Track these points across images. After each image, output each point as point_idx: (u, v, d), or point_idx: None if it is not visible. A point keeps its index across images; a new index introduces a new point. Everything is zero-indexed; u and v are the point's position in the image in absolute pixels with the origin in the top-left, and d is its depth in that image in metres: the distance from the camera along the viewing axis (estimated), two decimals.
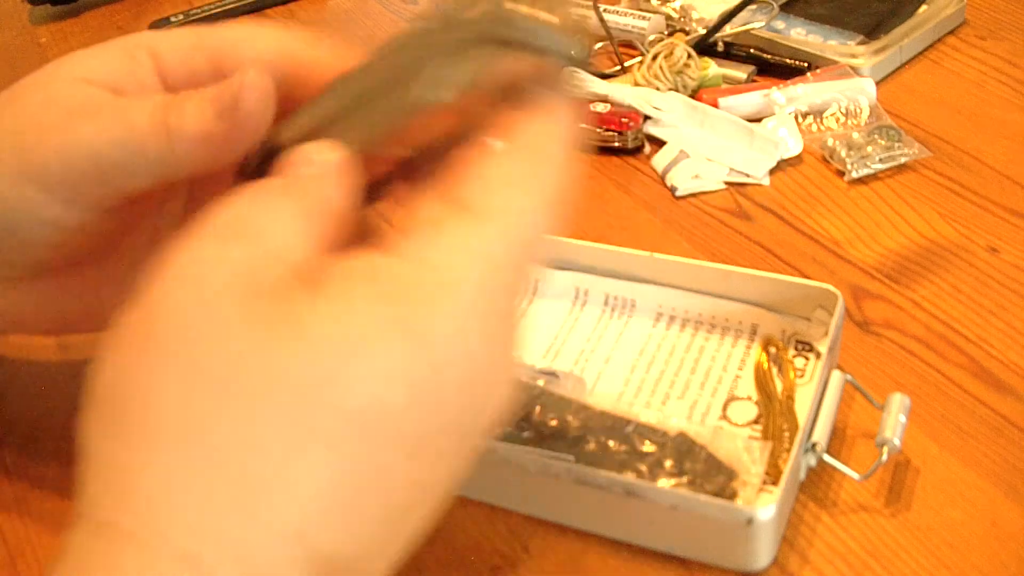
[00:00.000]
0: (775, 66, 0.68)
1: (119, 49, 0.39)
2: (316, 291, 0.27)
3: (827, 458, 0.41)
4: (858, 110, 0.63)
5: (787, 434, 0.43)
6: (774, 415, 0.44)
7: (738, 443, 0.41)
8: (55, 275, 0.41)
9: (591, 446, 0.41)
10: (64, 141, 0.37)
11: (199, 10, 0.83)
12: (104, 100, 0.37)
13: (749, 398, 0.45)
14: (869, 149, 0.60)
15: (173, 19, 0.82)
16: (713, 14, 0.71)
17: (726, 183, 0.60)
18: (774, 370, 0.46)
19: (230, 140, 0.35)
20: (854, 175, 0.59)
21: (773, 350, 0.47)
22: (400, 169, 0.35)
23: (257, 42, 0.38)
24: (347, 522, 0.26)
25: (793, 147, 0.61)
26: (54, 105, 0.38)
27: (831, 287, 0.47)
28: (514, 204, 0.29)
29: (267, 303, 0.27)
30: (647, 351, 0.48)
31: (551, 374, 0.46)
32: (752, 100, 0.64)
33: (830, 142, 0.61)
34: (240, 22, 0.40)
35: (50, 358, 0.50)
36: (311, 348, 0.26)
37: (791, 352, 0.47)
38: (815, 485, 0.42)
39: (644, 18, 0.73)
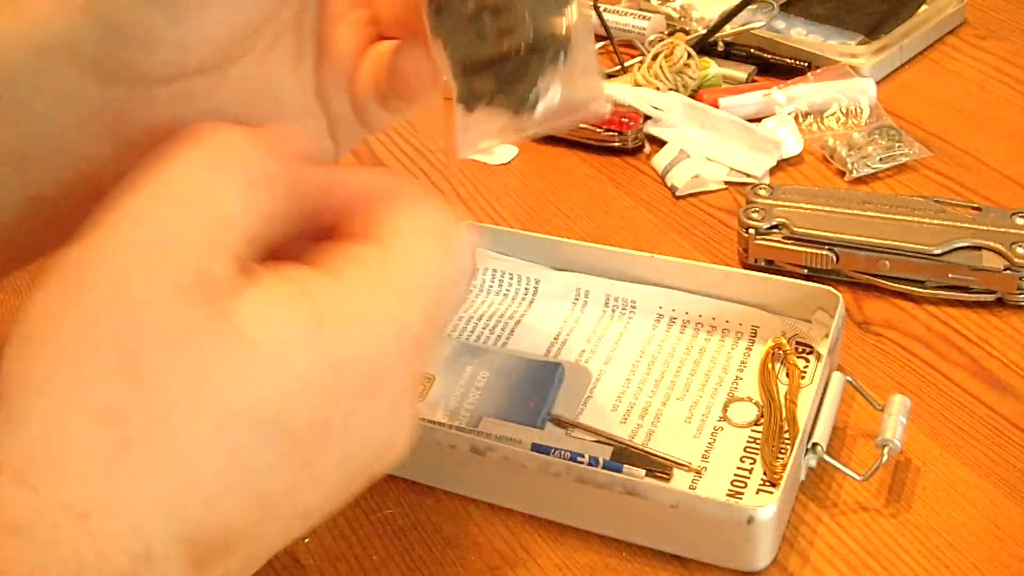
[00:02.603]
0: (775, 66, 0.68)
1: None
2: (246, 287, 0.27)
3: (827, 459, 0.41)
4: (858, 110, 0.63)
5: (788, 435, 0.43)
6: (775, 416, 0.44)
7: None
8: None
9: None
10: None
11: None
12: None
13: (749, 399, 0.45)
14: (869, 149, 0.60)
15: None
16: (713, 14, 0.71)
17: (726, 183, 0.60)
18: (780, 372, 0.46)
19: None
20: (854, 175, 0.59)
21: (779, 352, 0.47)
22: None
23: None
24: (230, 506, 0.27)
25: (793, 147, 0.61)
26: None
27: (832, 288, 0.47)
28: (424, 245, 0.30)
29: (200, 290, 0.27)
30: (647, 352, 0.48)
31: (555, 364, 0.46)
32: (752, 100, 0.64)
33: (830, 142, 0.61)
34: None
35: None
36: (229, 342, 0.26)
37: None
38: (815, 485, 0.42)
39: (644, 18, 0.73)
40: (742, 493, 0.41)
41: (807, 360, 0.47)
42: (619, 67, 0.70)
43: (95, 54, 0.33)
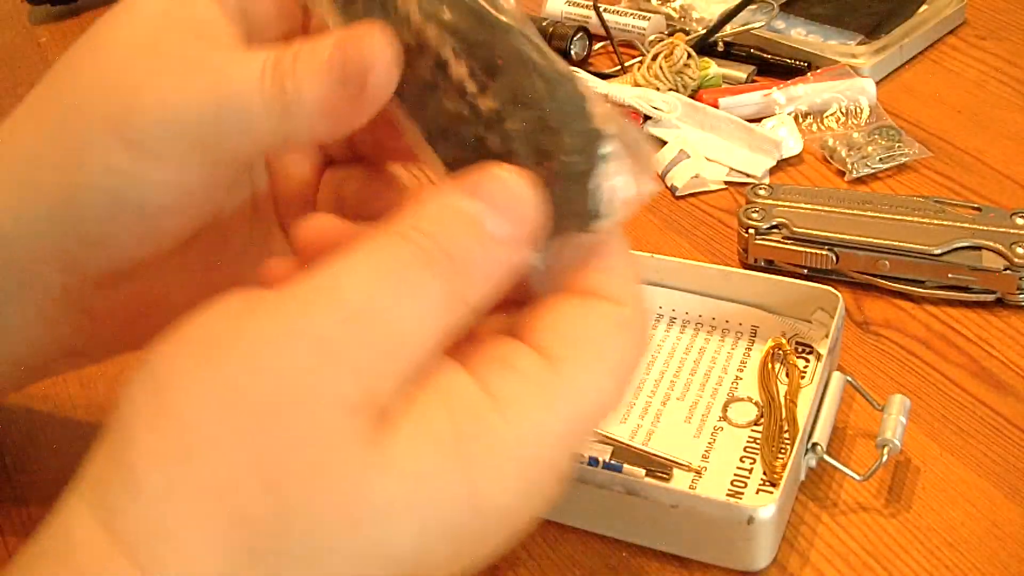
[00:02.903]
0: (775, 66, 0.68)
1: None
2: (405, 412, 0.26)
3: (827, 459, 0.41)
4: (858, 110, 0.63)
5: (787, 435, 0.43)
6: (775, 416, 0.44)
7: None
8: (141, 275, 0.38)
9: None
10: (160, 101, 0.33)
11: None
12: (202, 56, 0.33)
13: (749, 399, 0.45)
14: (869, 149, 0.60)
15: None
16: (713, 14, 0.71)
17: (726, 183, 0.60)
18: (780, 372, 0.46)
19: (354, 112, 0.32)
20: (854, 175, 0.59)
21: (780, 352, 0.47)
22: None
23: None
24: None
25: (793, 147, 0.61)
26: (144, 55, 0.34)
27: (832, 288, 0.47)
28: (595, 377, 0.28)
29: (365, 413, 0.26)
30: (647, 352, 0.48)
31: None
32: (752, 100, 0.64)
33: (830, 142, 0.61)
34: None
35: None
36: (378, 474, 0.25)
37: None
38: (815, 485, 0.42)
39: (644, 18, 0.73)
40: (742, 493, 0.41)
41: (807, 360, 0.47)
42: (619, 67, 0.70)
43: (57, 249, 0.36)
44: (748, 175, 0.60)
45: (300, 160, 0.39)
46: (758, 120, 0.63)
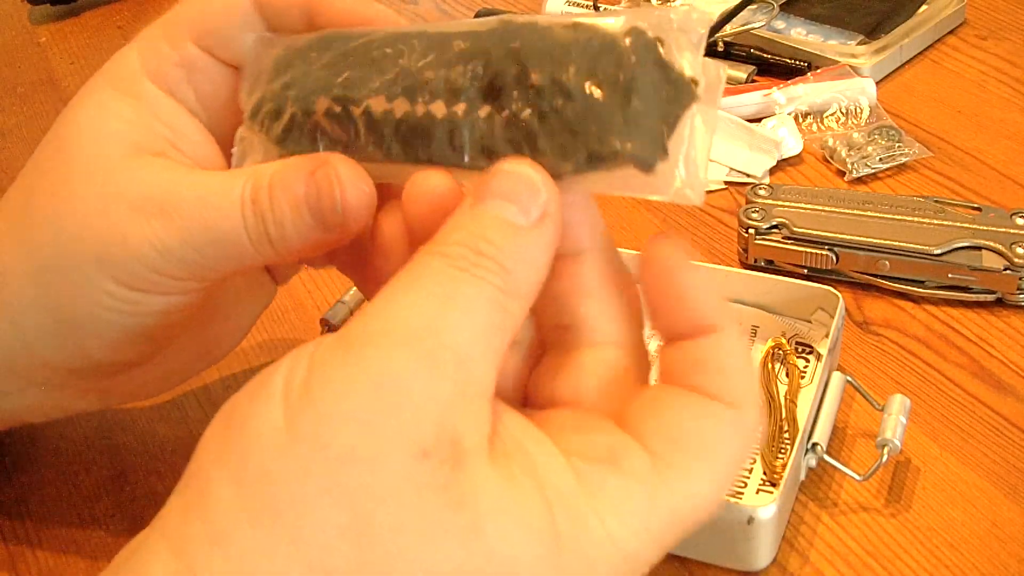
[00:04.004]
0: (775, 66, 0.68)
1: (122, 92, 0.37)
2: (488, 466, 0.26)
3: (827, 459, 0.41)
4: (858, 110, 0.63)
5: (787, 435, 0.43)
6: (775, 416, 0.44)
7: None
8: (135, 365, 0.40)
9: None
10: (149, 242, 0.35)
11: None
12: (179, 189, 0.35)
13: None
14: (869, 149, 0.60)
15: None
16: (713, 14, 0.71)
17: (726, 183, 0.60)
18: (780, 372, 0.46)
19: (338, 239, 0.34)
20: (854, 175, 0.59)
21: (780, 352, 0.47)
22: None
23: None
24: None
25: (793, 147, 0.61)
26: (124, 199, 0.35)
27: (832, 288, 0.47)
28: (701, 484, 0.28)
29: (439, 456, 0.25)
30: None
31: None
32: (752, 100, 0.64)
33: (830, 142, 0.61)
34: None
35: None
36: (463, 537, 0.25)
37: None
38: (815, 485, 0.42)
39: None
40: (742, 493, 0.41)
41: (807, 360, 0.47)
42: None
43: (64, 364, 0.38)
44: (748, 175, 0.60)
45: None
46: (758, 120, 0.63)
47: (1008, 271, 0.49)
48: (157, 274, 0.35)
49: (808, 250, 0.52)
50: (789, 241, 0.52)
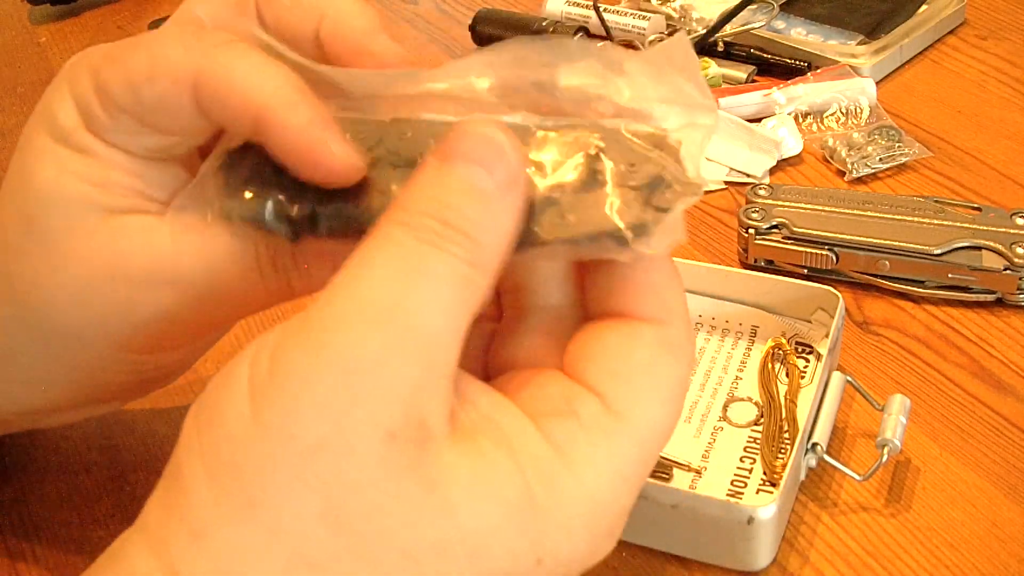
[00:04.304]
0: (775, 66, 0.68)
1: (78, 149, 0.33)
2: (455, 444, 0.26)
3: (827, 458, 0.41)
4: (858, 110, 0.63)
5: (787, 435, 0.43)
6: (775, 416, 0.44)
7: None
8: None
9: None
10: (154, 314, 0.34)
11: None
12: (176, 259, 0.33)
13: (749, 399, 0.45)
14: (869, 149, 0.60)
15: None
16: (713, 14, 0.71)
17: (726, 183, 0.60)
18: (780, 372, 0.46)
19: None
20: (854, 175, 0.59)
21: (779, 352, 0.47)
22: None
23: (160, 63, 0.32)
24: None
25: (793, 147, 0.61)
26: (112, 276, 0.33)
27: (832, 288, 0.47)
28: (653, 410, 0.28)
29: (409, 438, 0.25)
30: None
31: None
32: (752, 100, 0.64)
33: (830, 142, 0.61)
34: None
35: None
36: (435, 514, 0.25)
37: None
38: (815, 485, 0.42)
39: (644, 18, 0.73)
40: (742, 493, 0.41)
41: (807, 360, 0.47)
42: None
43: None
44: (748, 175, 0.60)
45: None
46: (758, 120, 0.63)
47: (1008, 271, 0.49)
48: (169, 340, 0.35)
49: (808, 250, 0.52)
50: (789, 241, 0.52)
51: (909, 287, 0.51)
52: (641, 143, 0.29)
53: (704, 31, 0.70)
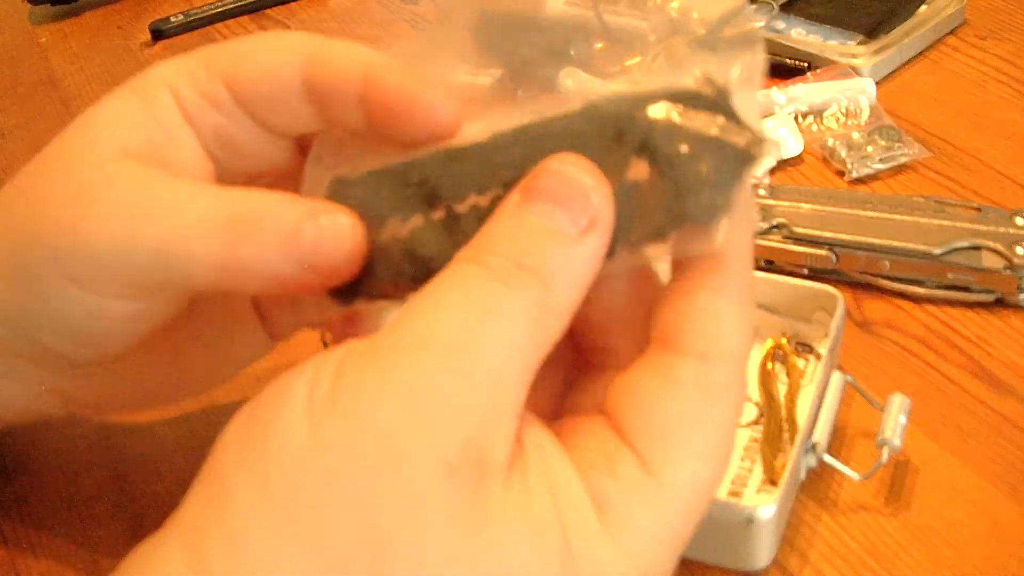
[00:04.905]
0: (775, 66, 0.68)
1: (139, 97, 0.35)
2: (509, 484, 0.26)
3: (827, 458, 0.41)
4: (858, 110, 0.63)
5: (787, 435, 0.43)
6: (775, 416, 0.44)
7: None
8: (112, 366, 0.38)
9: None
10: (106, 241, 0.32)
11: (199, 10, 0.83)
12: (154, 196, 0.33)
13: (749, 399, 0.45)
14: (869, 149, 0.60)
15: (173, 19, 0.82)
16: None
17: None
18: (780, 372, 0.46)
19: (308, 287, 0.32)
20: (854, 175, 0.59)
21: (780, 352, 0.47)
22: None
23: (271, 55, 0.34)
24: None
25: (793, 147, 0.61)
26: (94, 200, 0.33)
27: (832, 288, 0.47)
28: (693, 469, 0.27)
29: (467, 473, 0.25)
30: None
31: None
32: None
33: (830, 142, 0.61)
34: (240, 34, 0.38)
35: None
36: (482, 552, 0.25)
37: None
38: (815, 485, 0.42)
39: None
40: (742, 493, 0.41)
41: (807, 360, 0.47)
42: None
43: (27, 352, 0.37)
44: None
45: None
46: None
47: (1008, 271, 0.49)
48: (110, 278, 0.33)
49: (808, 250, 0.52)
50: (789, 241, 0.52)
51: (909, 287, 0.51)
52: (688, 108, 0.28)
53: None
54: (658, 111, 0.28)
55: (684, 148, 0.27)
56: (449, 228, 0.30)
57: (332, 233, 0.31)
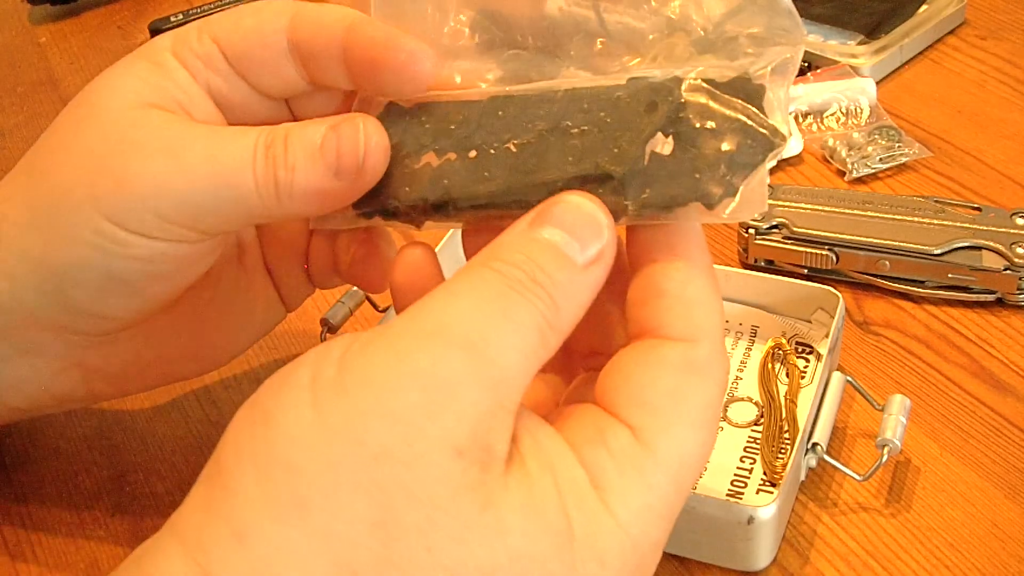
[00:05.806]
0: None
1: (147, 61, 0.36)
2: (511, 470, 0.26)
3: (827, 459, 0.41)
4: (858, 110, 0.63)
5: (787, 435, 0.43)
6: (775, 416, 0.44)
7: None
8: (134, 332, 0.39)
9: None
10: (148, 182, 0.33)
11: (198, 9, 0.83)
12: (187, 134, 0.34)
13: (749, 399, 0.45)
14: (869, 149, 0.60)
15: (173, 19, 0.82)
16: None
17: None
18: (780, 372, 0.46)
19: (346, 197, 0.33)
20: (854, 175, 0.59)
21: (779, 352, 0.47)
22: None
23: (257, 17, 0.36)
24: None
25: (793, 147, 0.61)
26: (130, 133, 0.34)
27: (832, 288, 0.47)
28: (682, 439, 0.28)
29: (474, 457, 0.25)
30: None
31: None
32: None
33: (830, 142, 0.61)
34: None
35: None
36: (489, 535, 0.25)
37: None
38: (815, 485, 0.42)
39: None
40: (742, 493, 0.41)
41: (807, 360, 0.47)
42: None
43: (51, 318, 0.37)
44: None
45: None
46: None
47: (1008, 271, 0.49)
48: (153, 215, 0.33)
49: (808, 250, 0.52)
50: (789, 241, 0.52)
51: (909, 287, 0.51)
52: (722, 93, 0.30)
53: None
54: (692, 90, 0.30)
55: (710, 124, 0.29)
56: (478, 165, 0.32)
57: (353, 136, 0.32)
